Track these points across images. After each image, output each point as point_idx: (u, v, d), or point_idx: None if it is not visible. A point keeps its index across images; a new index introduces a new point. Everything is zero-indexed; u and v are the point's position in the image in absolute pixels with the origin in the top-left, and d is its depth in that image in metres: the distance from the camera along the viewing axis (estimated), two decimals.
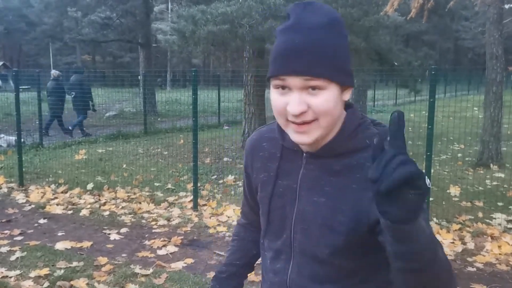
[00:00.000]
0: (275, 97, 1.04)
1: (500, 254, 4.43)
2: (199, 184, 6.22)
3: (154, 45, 23.61)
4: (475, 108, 14.46)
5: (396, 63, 9.24)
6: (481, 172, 7.66)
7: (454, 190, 6.32)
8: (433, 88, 4.89)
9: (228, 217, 5.56)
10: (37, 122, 10.34)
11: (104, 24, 19.28)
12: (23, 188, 6.96)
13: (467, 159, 9.03)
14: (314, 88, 1.00)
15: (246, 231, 1.45)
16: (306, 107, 1.00)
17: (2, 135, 10.12)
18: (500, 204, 5.86)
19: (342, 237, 1.07)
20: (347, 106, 1.12)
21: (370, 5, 8.14)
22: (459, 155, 9.58)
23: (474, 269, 4.17)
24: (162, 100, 19.69)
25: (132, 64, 48.18)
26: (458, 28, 50.21)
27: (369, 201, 1.01)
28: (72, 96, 12.13)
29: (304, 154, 1.13)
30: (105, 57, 57.07)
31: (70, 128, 12.28)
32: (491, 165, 7.94)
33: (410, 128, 12.76)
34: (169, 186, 7.01)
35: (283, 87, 1.02)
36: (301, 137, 1.04)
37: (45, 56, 54.84)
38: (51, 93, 12.07)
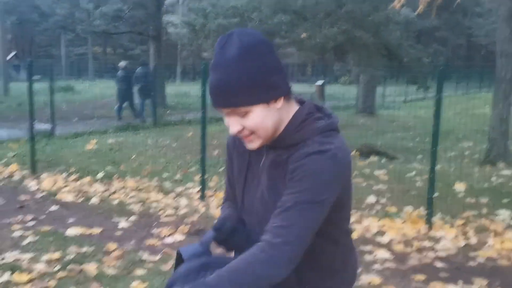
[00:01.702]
0: (225, 120, 1.29)
1: (502, 249, 4.48)
2: (206, 176, 6.32)
3: (164, 38, 23.71)
4: (486, 106, 14.45)
5: (405, 59, 9.25)
6: (488, 169, 7.68)
7: (460, 187, 6.35)
8: (441, 85, 4.94)
9: None
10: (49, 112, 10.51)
11: (115, 16, 19.45)
12: (35, 176, 7.12)
13: (475, 156, 9.04)
14: (241, 114, 1.23)
15: (231, 206, 1.56)
16: (240, 127, 1.25)
17: (35, 122, 10.47)
18: (505, 201, 5.89)
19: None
20: (300, 102, 1.34)
21: (380, 0, 8.16)
22: (467, 152, 9.60)
23: (476, 263, 4.22)
24: (172, 93, 19.84)
25: (142, 56, 48.39)
26: (471, 24, 49.69)
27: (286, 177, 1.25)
28: (139, 87, 13.40)
29: (265, 146, 1.34)
30: (116, 49, 57.36)
31: (139, 113, 13.72)
32: (498, 163, 7.96)
33: (419, 125, 12.78)
34: (177, 177, 7.13)
35: (225, 113, 1.26)
36: (249, 145, 1.31)
37: (56, 47, 55.24)
38: (121, 82, 13.43)
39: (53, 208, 5.68)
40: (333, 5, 8.01)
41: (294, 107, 1.31)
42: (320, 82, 22.42)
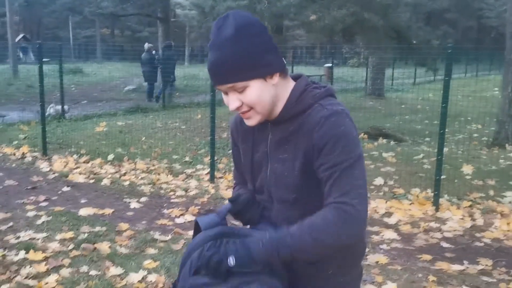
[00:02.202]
0: (224, 98, 1.36)
1: (508, 230, 4.53)
2: (216, 158, 6.39)
3: (172, 19, 23.60)
4: (496, 89, 14.31)
5: (414, 41, 9.19)
6: (496, 152, 7.68)
7: (467, 169, 6.37)
8: (449, 67, 4.93)
9: None
10: (58, 95, 10.61)
11: None
12: (47, 158, 7.24)
13: (483, 139, 9.03)
14: (239, 89, 1.29)
15: (242, 187, 1.62)
16: (239, 103, 1.31)
17: (52, 104, 10.64)
18: None
19: (300, 178, 1.34)
20: (296, 77, 1.41)
21: None
22: (475, 135, 9.57)
23: (482, 244, 4.28)
24: (180, 75, 19.84)
25: (150, 38, 48.12)
26: (482, 6, 48.84)
27: (313, 147, 1.30)
28: (159, 69, 13.69)
29: (269, 124, 1.40)
30: (123, 31, 57.14)
31: (158, 95, 13.84)
32: (507, 145, 7.94)
33: (427, 107, 12.73)
34: (187, 159, 7.22)
35: (224, 91, 1.33)
36: (248, 122, 1.37)
37: (64, 29, 55.11)
38: (145, 64, 13.72)
39: (65, 189, 5.79)
40: None
41: (291, 84, 1.38)
42: (328, 65, 22.32)
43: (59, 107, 10.67)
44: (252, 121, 1.36)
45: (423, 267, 3.78)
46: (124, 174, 6.45)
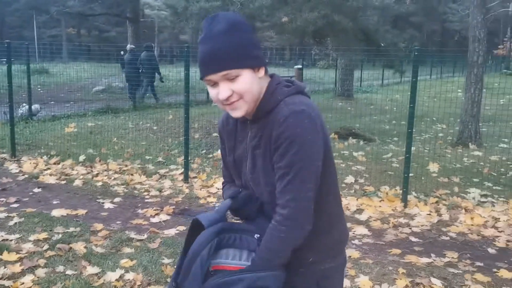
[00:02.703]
0: (210, 91, 1.42)
1: (472, 225, 4.75)
2: (189, 158, 6.41)
3: (141, 19, 23.37)
4: (459, 90, 14.81)
5: (382, 44, 9.45)
6: (460, 150, 7.99)
7: (433, 167, 6.62)
8: (416, 68, 5.13)
9: (218, 189, 5.79)
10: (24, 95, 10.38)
11: None
12: (16, 159, 7.09)
13: (448, 138, 9.36)
14: (231, 77, 1.36)
15: (232, 185, 1.69)
16: (230, 92, 1.38)
17: (24, 104, 10.42)
18: (475, 180, 6.18)
19: (270, 172, 1.43)
20: (270, 76, 1.50)
21: None
22: (441, 134, 9.92)
23: (448, 238, 4.47)
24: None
25: (118, 38, 47.45)
26: (446, 10, 50.35)
27: (271, 145, 1.40)
28: (141, 70, 13.69)
29: (248, 121, 1.50)
30: (90, 31, 56.10)
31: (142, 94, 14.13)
32: (470, 144, 8.28)
33: (395, 108, 13.07)
34: (160, 159, 7.21)
35: (213, 83, 1.39)
36: (234, 113, 1.43)
37: (28, 28, 53.67)
38: (128, 64, 13.72)
39: (36, 190, 5.70)
40: None
41: (268, 81, 1.48)
42: (298, 66, 22.56)
43: (32, 106, 10.47)
44: (238, 111, 1.41)
45: (393, 260, 3.93)
46: (97, 175, 6.40)
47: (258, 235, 1.43)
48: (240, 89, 1.37)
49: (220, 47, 1.34)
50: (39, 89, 16.61)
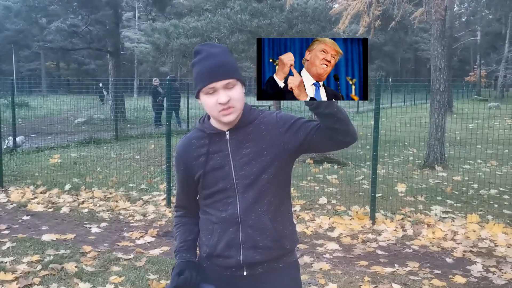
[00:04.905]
0: (208, 99, 1.69)
1: (433, 238, 5.19)
2: (171, 184, 6.76)
3: (122, 52, 23.86)
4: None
5: None
6: (427, 172, 8.53)
7: (401, 187, 7.11)
8: (378, 97, 5.66)
9: None
10: (7, 128, 10.63)
11: (71, 31, 19.47)
12: (3, 189, 7.33)
13: (417, 161, 9.92)
14: (230, 86, 1.68)
15: (185, 217, 1.95)
16: (228, 98, 1.67)
17: (10, 137, 10.68)
18: (439, 198, 6.68)
19: (271, 163, 1.75)
20: None
21: (327, 21, 8.93)
22: (411, 158, 10.47)
23: (411, 250, 4.90)
24: (131, 107, 20.04)
25: (98, 71, 47.89)
26: (418, 39, 52.37)
27: (281, 134, 1.76)
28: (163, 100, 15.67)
29: (227, 131, 1.77)
30: (70, 64, 56.39)
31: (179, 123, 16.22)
32: (436, 166, 8.83)
33: (369, 135, 13.64)
34: (143, 186, 7.53)
35: (212, 92, 1.67)
36: (229, 117, 1.69)
37: (7, 62, 53.70)
38: (154, 96, 16.53)
39: (25, 217, 5.97)
40: (285, 25, 8.73)
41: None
42: None
43: (17, 138, 10.73)
44: (231, 116, 1.70)
45: (360, 270, 4.32)
46: (83, 202, 6.69)
47: None
48: (235, 96, 1.68)
49: (225, 61, 1.69)
50: (20, 122, 16.78)
